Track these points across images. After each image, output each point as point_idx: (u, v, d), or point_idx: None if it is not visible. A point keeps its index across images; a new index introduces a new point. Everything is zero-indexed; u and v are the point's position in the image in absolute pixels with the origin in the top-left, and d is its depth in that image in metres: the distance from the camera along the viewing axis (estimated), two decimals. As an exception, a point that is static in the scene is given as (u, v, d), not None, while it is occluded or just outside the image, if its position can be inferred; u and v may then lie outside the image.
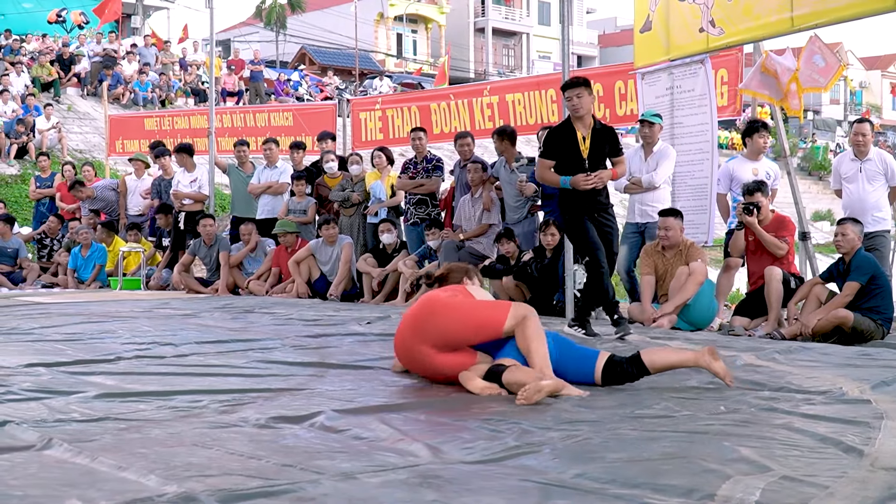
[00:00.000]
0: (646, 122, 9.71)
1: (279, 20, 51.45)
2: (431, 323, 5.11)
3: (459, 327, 5.08)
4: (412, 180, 11.65)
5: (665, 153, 9.69)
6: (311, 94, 35.77)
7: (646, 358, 5.21)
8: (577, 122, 7.54)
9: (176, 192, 13.66)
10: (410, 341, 5.20)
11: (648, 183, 9.62)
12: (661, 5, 9.73)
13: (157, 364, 6.02)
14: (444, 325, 5.08)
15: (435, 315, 5.12)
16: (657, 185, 9.62)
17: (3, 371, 5.56)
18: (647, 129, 9.68)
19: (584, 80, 7.57)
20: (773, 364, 6.14)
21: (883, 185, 9.18)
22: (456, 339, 5.09)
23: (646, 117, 9.72)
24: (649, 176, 9.62)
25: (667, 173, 9.67)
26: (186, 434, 3.91)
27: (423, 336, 5.12)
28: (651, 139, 9.71)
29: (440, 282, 5.73)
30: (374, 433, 3.98)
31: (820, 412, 4.42)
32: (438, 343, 5.09)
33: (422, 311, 5.21)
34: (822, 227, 30.73)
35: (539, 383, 4.65)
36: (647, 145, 9.77)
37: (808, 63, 9.54)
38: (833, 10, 7.89)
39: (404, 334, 5.27)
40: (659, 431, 4.02)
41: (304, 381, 5.36)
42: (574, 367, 5.19)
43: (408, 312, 5.38)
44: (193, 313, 9.65)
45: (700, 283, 8.54)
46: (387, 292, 11.41)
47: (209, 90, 16.27)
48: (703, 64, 9.93)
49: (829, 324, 7.76)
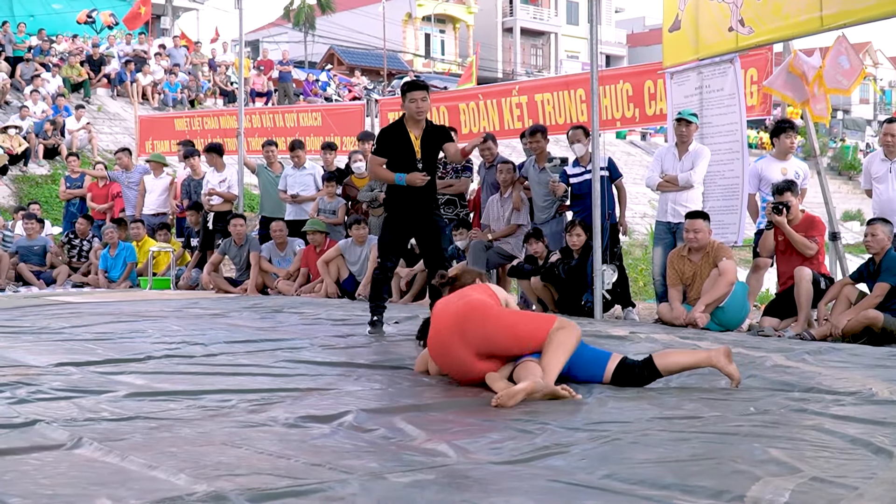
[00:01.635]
0: (683, 120, 9.66)
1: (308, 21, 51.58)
2: (479, 331, 5.09)
3: (506, 340, 5.07)
4: (441, 180, 11.65)
5: (700, 153, 9.64)
6: (340, 95, 35.81)
7: (658, 361, 5.21)
8: (410, 123, 7.81)
9: (212, 189, 13.69)
10: (451, 342, 5.17)
11: (685, 182, 9.56)
12: (690, 4, 9.69)
13: (187, 363, 6.05)
14: (492, 335, 5.07)
15: (485, 324, 5.09)
16: (694, 184, 9.56)
17: (33, 370, 5.61)
18: (685, 128, 9.63)
19: (426, 85, 8.00)
20: (802, 365, 6.10)
21: (913, 185, 9.08)
22: (500, 349, 5.09)
23: (683, 115, 9.68)
24: (686, 175, 9.55)
25: (703, 173, 9.62)
26: (216, 433, 3.93)
27: (467, 341, 5.09)
28: (687, 138, 9.66)
29: (452, 283, 5.74)
30: (402, 433, 3.99)
31: (850, 413, 4.40)
32: (482, 350, 5.08)
33: (469, 315, 5.15)
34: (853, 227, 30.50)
35: (513, 388, 4.64)
36: (682, 144, 9.72)
37: (833, 64, 9.47)
38: (862, 9, 7.84)
39: (444, 334, 5.22)
40: (688, 432, 4.01)
41: (333, 381, 5.38)
42: (585, 368, 5.19)
43: (448, 311, 5.30)
44: (223, 313, 9.69)
45: (732, 283, 8.48)
46: (415, 292, 11.41)
47: (238, 91, 16.30)
48: (732, 63, 9.87)
49: (860, 324, 7.70)
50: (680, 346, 7.09)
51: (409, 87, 7.88)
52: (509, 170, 10.97)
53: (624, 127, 13.72)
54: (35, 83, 24.64)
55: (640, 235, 25.22)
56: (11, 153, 20.99)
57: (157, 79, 28.58)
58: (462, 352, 5.11)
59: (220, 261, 13.41)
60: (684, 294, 8.85)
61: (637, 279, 17.72)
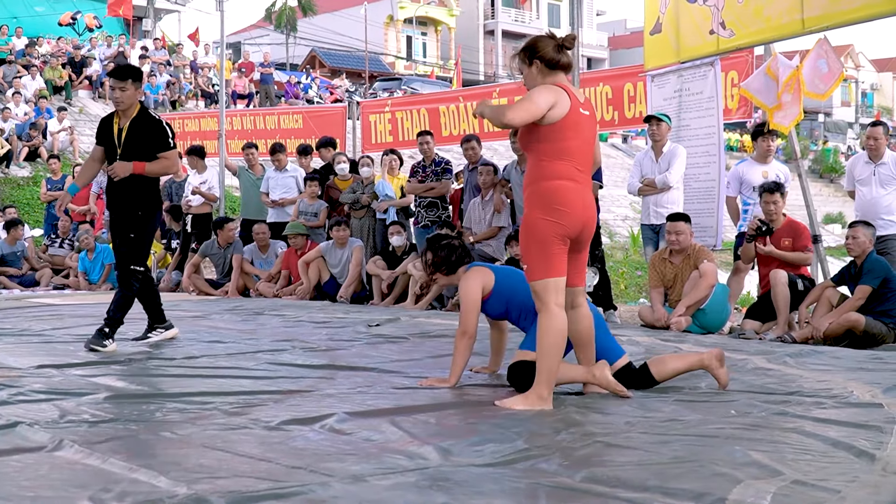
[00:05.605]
0: (653, 118, 9.71)
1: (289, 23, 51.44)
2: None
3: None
4: (422, 184, 11.65)
5: (675, 153, 9.68)
6: (321, 97, 35.79)
7: (654, 368, 5.26)
8: (119, 113, 7.07)
9: (195, 188, 13.66)
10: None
11: (662, 183, 9.60)
12: (671, 7, 9.72)
13: (168, 365, 6.04)
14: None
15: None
16: (671, 185, 9.60)
17: (14, 372, 5.58)
18: (655, 127, 9.69)
19: (131, 73, 7.05)
20: (784, 368, 6.13)
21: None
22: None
23: (654, 115, 9.72)
24: (663, 177, 9.60)
25: (680, 173, 9.66)
26: (197, 436, 3.92)
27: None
28: (659, 137, 9.71)
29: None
30: (384, 435, 3.98)
31: (831, 416, 4.41)
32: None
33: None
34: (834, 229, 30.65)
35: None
36: (657, 144, 9.76)
37: (812, 67, 9.46)
38: (844, 12, 7.88)
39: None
40: (669, 435, 4.01)
41: (314, 384, 5.37)
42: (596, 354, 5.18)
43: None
44: (204, 315, 9.67)
45: (712, 285, 8.50)
46: (396, 295, 11.41)
47: (220, 93, 16.28)
48: (712, 66, 9.90)
49: (841, 327, 7.73)
50: (662, 348, 7.10)
51: (110, 73, 7.23)
52: (489, 172, 10.97)
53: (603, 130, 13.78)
54: (15, 84, 24.53)
55: (622, 238, 25.28)
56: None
57: (138, 80, 28.44)
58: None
59: (200, 263, 13.38)
60: (666, 296, 8.87)
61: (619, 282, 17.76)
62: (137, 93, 7.04)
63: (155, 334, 7.36)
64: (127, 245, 7.04)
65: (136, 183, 6.97)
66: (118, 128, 6.99)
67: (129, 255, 7.04)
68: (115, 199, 7.10)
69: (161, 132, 7.02)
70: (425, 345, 7.35)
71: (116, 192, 7.04)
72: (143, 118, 7.01)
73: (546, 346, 4.68)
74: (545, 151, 4.69)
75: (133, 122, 6.95)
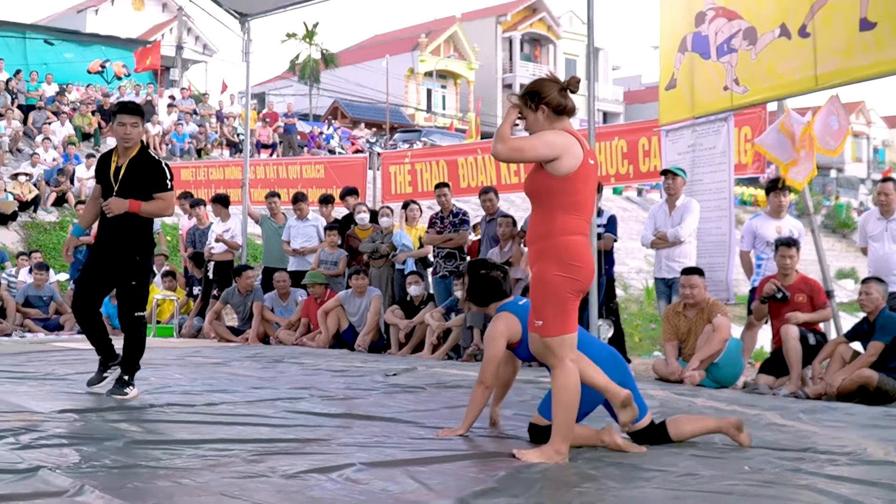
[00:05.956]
0: (669, 172, 9.71)
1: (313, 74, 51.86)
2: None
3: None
4: (440, 235, 11.66)
5: (689, 207, 9.67)
6: (343, 147, 35.98)
7: (671, 429, 5.17)
8: (119, 150, 6.81)
9: (218, 236, 13.73)
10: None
11: (674, 237, 9.59)
12: (686, 63, 9.76)
13: (188, 412, 6.01)
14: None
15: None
16: (682, 239, 9.59)
17: (36, 416, 5.58)
18: (671, 181, 9.70)
19: (140, 111, 6.93)
20: (797, 424, 6.07)
21: (909, 244, 9.08)
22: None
23: (670, 168, 9.73)
24: (674, 230, 9.59)
25: (691, 227, 9.65)
26: (215, 483, 3.90)
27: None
28: (674, 191, 9.71)
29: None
30: (400, 486, 3.95)
31: (844, 473, 4.36)
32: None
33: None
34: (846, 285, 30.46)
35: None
36: (671, 197, 9.77)
37: (824, 123, 9.46)
38: (856, 69, 7.90)
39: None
40: (683, 490, 3.97)
41: (331, 433, 5.34)
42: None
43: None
44: (224, 362, 9.66)
45: (725, 339, 8.45)
46: (413, 344, 11.38)
47: (244, 142, 16.38)
48: (726, 122, 9.93)
49: (854, 384, 7.65)
50: (676, 402, 7.05)
51: (120, 109, 6.87)
52: (508, 223, 10.98)
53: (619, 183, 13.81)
54: (45, 131, 24.77)
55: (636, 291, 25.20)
56: (21, 199, 21.04)
57: (165, 129, 28.72)
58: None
59: (221, 310, 13.40)
60: (680, 349, 8.81)
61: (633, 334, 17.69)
62: (143, 131, 6.94)
63: (112, 371, 6.87)
64: (129, 292, 6.78)
65: (132, 225, 6.71)
66: (116, 165, 6.75)
67: (133, 302, 6.80)
68: (110, 243, 6.74)
69: (160, 172, 6.78)
70: (442, 395, 7.31)
71: (111, 234, 6.72)
72: (144, 157, 6.79)
73: (564, 401, 4.62)
74: (558, 205, 4.60)
75: (133, 160, 6.72)
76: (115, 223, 6.66)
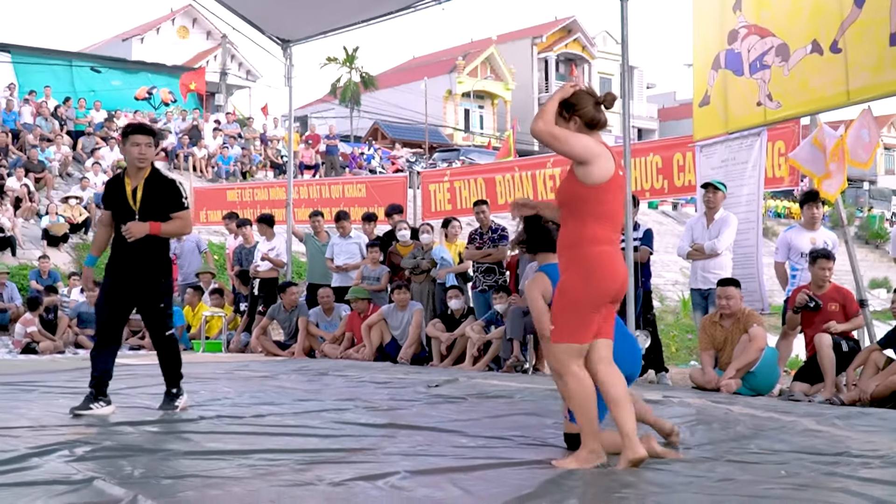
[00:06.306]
0: (710, 185, 9.69)
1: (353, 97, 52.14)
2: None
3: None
4: (479, 250, 11.68)
5: (727, 221, 9.64)
6: (383, 167, 36.11)
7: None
8: (131, 172, 6.53)
9: (264, 254, 13.86)
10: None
11: (711, 249, 9.56)
12: (719, 80, 9.73)
13: (237, 423, 6.06)
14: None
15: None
16: (719, 252, 9.56)
17: (91, 429, 5.64)
18: (712, 194, 9.68)
19: (153, 131, 6.69)
20: (832, 429, 6.02)
21: (942, 254, 9.00)
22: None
23: (712, 182, 9.72)
24: (711, 243, 9.57)
25: (729, 240, 9.62)
26: (264, 492, 3.93)
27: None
28: (713, 204, 9.69)
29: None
30: (444, 493, 3.96)
31: (877, 476, 4.33)
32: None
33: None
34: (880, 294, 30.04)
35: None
36: (710, 211, 9.74)
37: (856, 137, 9.41)
38: (887, 83, 7.84)
39: None
40: (721, 495, 3.96)
41: (376, 442, 5.36)
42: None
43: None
44: (271, 375, 9.71)
45: (761, 349, 8.39)
46: (455, 356, 11.39)
47: (288, 164, 16.50)
48: (759, 136, 9.89)
49: (887, 389, 7.58)
50: (713, 409, 7.00)
51: (133, 130, 6.57)
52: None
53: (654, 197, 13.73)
54: (95, 156, 25.08)
55: (672, 302, 25.03)
56: (72, 222, 21.29)
57: (210, 152, 28.98)
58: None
59: (268, 325, 13.49)
60: (716, 359, 8.76)
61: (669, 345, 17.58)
62: (155, 151, 6.74)
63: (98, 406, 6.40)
64: (158, 314, 6.63)
65: (151, 247, 6.51)
66: (131, 188, 6.47)
67: (163, 324, 6.68)
68: (130, 267, 6.50)
69: (176, 192, 6.58)
70: (483, 405, 7.30)
71: (130, 258, 6.49)
72: (157, 178, 6.57)
73: (579, 406, 4.65)
74: (588, 213, 4.60)
75: (147, 181, 6.49)
76: (133, 246, 6.43)
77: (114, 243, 6.62)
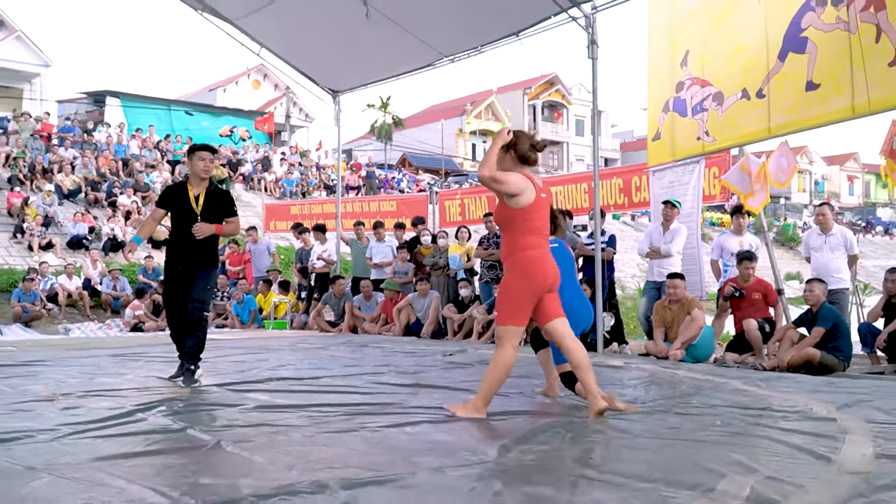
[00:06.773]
0: (669, 203, 9.68)
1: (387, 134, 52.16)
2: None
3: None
4: (486, 250, 11.65)
5: (679, 231, 9.62)
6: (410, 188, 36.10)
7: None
8: (194, 182, 6.22)
9: (319, 255, 13.88)
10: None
11: (666, 252, 9.53)
12: (668, 121, 9.67)
13: (298, 384, 6.05)
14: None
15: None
16: (672, 254, 9.54)
17: (184, 390, 5.66)
18: (669, 210, 9.65)
19: (215, 149, 6.41)
20: (757, 389, 5.96)
21: (843, 254, 8.90)
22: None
23: (671, 200, 9.72)
24: (667, 247, 9.53)
25: (680, 245, 9.61)
26: (318, 437, 3.92)
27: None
28: (670, 217, 9.66)
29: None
30: (458, 437, 3.94)
31: (795, 427, 4.27)
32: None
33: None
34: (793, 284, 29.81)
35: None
36: (666, 221, 9.70)
37: (776, 163, 9.38)
38: (801, 120, 7.77)
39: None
40: (671, 439, 3.92)
41: (405, 398, 5.34)
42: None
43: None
44: (324, 347, 9.70)
45: (701, 326, 8.34)
46: (465, 332, 11.36)
47: (337, 185, 16.50)
48: (698, 163, 9.85)
49: (801, 359, 7.51)
50: (662, 373, 6.96)
51: (199, 147, 6.29)
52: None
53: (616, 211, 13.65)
54: (190, 180, 25.11)
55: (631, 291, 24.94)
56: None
57: (278, 176, 29.00)
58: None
59: (322, 308, 13.49)
60: (666, 334, 8.71)
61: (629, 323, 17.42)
62: (216, 165, 6.55)
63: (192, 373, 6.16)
64: (203, 296, 6.12)
65: (212, 244, 6.22)
66: (194, 195, 6.17)
67: (204, 306, 6.18)
68: (192, 258, 6.14)
69: (230, 201, 6.34)
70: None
71: (190, 251, 6.14)
72: (215, 188, 6.28)
73: (493, 373, 4.57)
74: (518, 228, 4.57)
75: (208, 191, 6.21)
76: (195, 243, 6.11)
77: (171, 239, 6.26)
